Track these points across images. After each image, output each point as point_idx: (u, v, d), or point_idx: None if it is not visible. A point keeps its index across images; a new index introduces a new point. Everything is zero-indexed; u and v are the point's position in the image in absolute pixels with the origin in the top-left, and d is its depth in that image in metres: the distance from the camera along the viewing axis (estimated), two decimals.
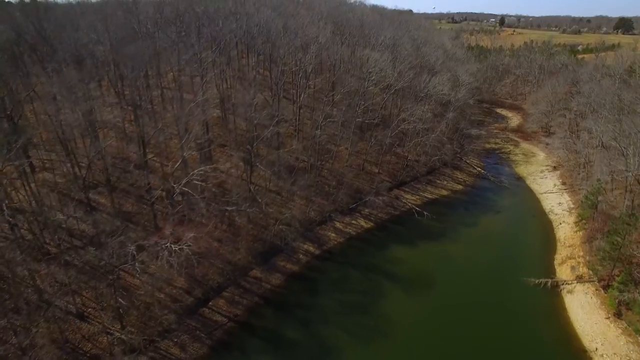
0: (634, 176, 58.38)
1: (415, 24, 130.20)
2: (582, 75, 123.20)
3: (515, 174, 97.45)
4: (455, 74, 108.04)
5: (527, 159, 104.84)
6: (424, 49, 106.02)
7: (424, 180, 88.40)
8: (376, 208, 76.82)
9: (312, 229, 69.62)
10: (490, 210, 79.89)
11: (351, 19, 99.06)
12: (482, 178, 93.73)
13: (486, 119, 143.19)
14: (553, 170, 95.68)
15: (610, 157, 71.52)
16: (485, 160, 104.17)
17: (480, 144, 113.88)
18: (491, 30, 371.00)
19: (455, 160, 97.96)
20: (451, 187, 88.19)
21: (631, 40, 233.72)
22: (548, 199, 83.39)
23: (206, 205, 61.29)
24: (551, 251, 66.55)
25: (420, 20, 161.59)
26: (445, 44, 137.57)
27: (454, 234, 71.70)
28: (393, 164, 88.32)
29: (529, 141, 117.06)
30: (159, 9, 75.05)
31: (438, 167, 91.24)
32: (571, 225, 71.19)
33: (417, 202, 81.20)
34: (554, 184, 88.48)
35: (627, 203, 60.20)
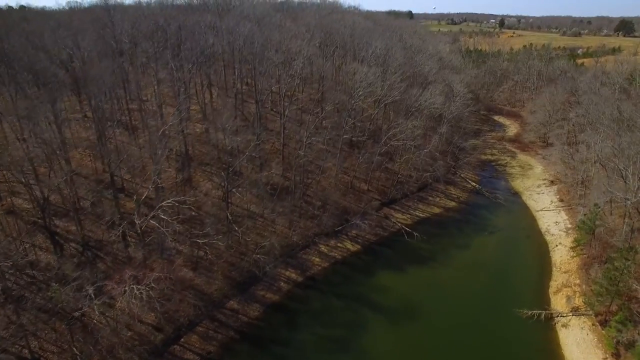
0: (633, 204, 54.89)
1: (410, 30, 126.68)
2: (581, 84, 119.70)
3: (511, 188, 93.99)
4: (449, 83, 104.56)
5: (524, 172, 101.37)
6: (417, 57, 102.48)
7: (415, 197, 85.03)
8: (364, 229, 73.48)
9: (295, 254, 66.37)
10: (483, 230, 76.46)
11: (341, 29, 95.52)
12: (477, 193, 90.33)
13: (483, 127, 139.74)
14: (550, 184, 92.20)
15: (608, 177, 68.13)
16: (481, 174, 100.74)
17: (476, 156, 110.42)
18: (491, 31, 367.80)
19: (449, 175, 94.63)
20: (444, 204, 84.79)
21: (632, 43, 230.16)
22: (544, 217, 79.94)
23: (178, 237, 58.23)
24: (546, 277, 63.13)
25: (415, 26, 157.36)
26: (441, 51, 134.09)
27: (445, 257, 68.31)
28: (383, 180, 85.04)
29: (526, 152, 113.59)
30: (136, 22, 71.78)
31: (430, 183, 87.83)
32: (568, 248, 67.75)
33: (407, 222, 77.88)
34: (550, 201, 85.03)
35: (626, 229, 56.77)
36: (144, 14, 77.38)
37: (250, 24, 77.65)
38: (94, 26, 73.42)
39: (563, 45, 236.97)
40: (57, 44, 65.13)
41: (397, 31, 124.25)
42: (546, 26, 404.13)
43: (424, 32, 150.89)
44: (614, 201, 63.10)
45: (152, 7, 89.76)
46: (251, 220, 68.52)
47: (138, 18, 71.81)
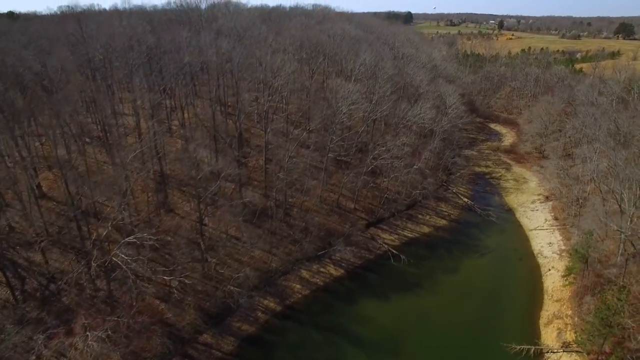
0: (628, 237, 51.84)
1: (402, 38, 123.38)
2: (578, 93, 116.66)
3: (505, 204, 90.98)
4: (442, 94, 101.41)
5: (519, 186, 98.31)
6: (408, 68, 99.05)
7: (404, 215, 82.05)
8: (349, 252, 70.66)
9: (274, 281, 63.49)
10: (473, 252, 73.49)
11: (328, 41, 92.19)
12: (469, 210, 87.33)
13: (479, 136, 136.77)
14: (545, 200, 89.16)
15: (603, 199, 65.14)
16: (474, 188, 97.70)
17: (470, 168, 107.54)
18: (489, 33, 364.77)
19: (440, 190, 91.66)
20: (434, 223, 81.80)
21: (631, 46, 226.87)
22: (538, 237, 76.96)
23: (150, 265, 55.41)
24: (537, 306, 60.18)
25: (408, 32, 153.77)
26: (435, 58, 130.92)
27: (432, 283, 65.38)
28: (371, 198, 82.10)
29: (521, 164, 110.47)
30: (112, 36, 68.79)
31: (420, 200, 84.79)
32: (561, 273, 64.76)
33: (394, 243, 74.94)
34: (545, 219, 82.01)
35: (620, 259, 53.77)
36: (121, 24, 74.48)
37: (229, 39, 74.45)
38: (67, 39, 70.46)
39: (562, 49, 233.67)
40: (25, 62, 62.07)
41: (389, 39, 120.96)
42: (545, 28, 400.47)
43: (418, 40, 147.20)
44: (608, 226, 59.97)
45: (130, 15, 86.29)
46: (229, 245, 65.71)
47: (114, 30, 68.67)
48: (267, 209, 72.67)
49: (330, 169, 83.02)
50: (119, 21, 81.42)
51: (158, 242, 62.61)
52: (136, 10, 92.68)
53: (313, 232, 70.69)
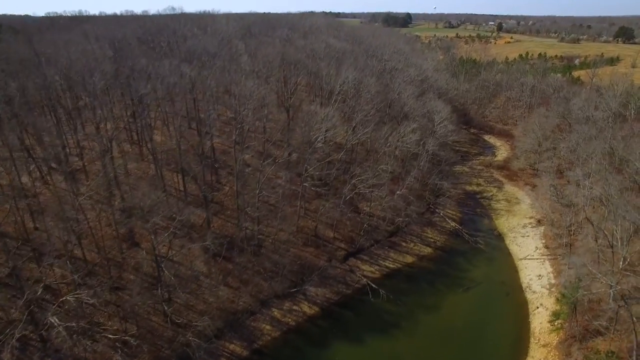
0: (618, 291, 47.60)
1: (391, 50, 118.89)
2: (574, 106, 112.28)
3: (495, 228, 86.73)
4: (430, 111, 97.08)
5: (510, 207, 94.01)
6: (394, 84, 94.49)
7: (387, 243, 77.89)
8: (325, 286, 66.69)
9: (243, 321, 59.42)
10: (458, 285, 69.25)
11: (308, 61, 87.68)
12: (456, 236, 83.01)
13: (472, 150, 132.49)
14: (537, 225, 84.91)
15: (596, 234, 60.90)
16: (464, 209, 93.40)
17: (460, 186, 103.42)
18: (488, 36, 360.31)
19: (427, 213, 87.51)
20: (418, 251, 77.57)
21: (631, 51, 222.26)
22: (527, 268, 72.76)
23: (107, 308, 51.43)
24: (522, 351, 55.99)
25: (399, 43, 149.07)
26: (427, 70, 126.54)
27: (411, 323, 61.22)
28: (351, 225, 77.91)
29: (514, 182, 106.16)
30: (70, 63, 64.63)
31: (406, 225, 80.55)
32: (549, 312, 60.53)
33: (375, 275, 70.79)
34: (535, 247, 77.81)
35: (611, 307, 49.57)
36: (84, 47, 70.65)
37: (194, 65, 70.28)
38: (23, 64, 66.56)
39: (560, 54, 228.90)
40: None
41: (377, 50, 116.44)
42: (545, 30, 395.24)
43: (408, 50, 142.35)
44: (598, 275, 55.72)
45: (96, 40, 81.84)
46: (194, 282, 61.70)
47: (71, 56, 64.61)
48: (238, 241, 68.69)
49: (309, 194, 79.03)
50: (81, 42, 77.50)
51: (117, 283, 58.97)
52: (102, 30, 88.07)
53: (287, 265, 66.73)
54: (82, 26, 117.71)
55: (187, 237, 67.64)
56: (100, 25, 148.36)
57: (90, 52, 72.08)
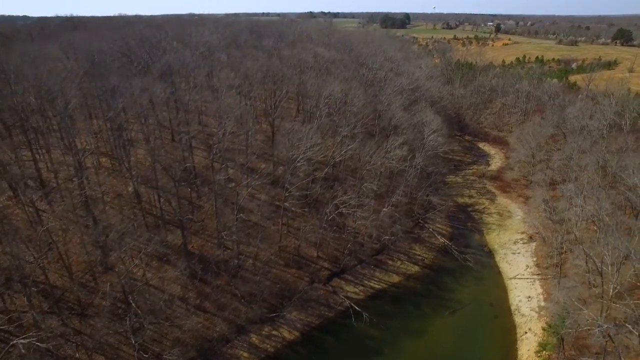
0: (605, 330, 45.24)
1: (382, 58, 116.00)
2: (569, 115, 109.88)
3: (485, 244, 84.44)
4: (421, 123, 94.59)
5: (502, 221, 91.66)
6: (383, 94, 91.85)
7: (373, 262, 75.58)
8: (307, 309, 64.48)
9: (218, 349, 57.18)
10: (444, 307, 66.94)
11: (292, 75, 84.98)
12: (445, 252, 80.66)
13: (465, 158, 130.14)
14: (529, 240, 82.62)
15: (587, 257, 58.57)
16: (454, 224, 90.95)
17: (452, 198, 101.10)
18: (486, 37, 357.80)
19: (416, 229, 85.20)
20: (405, 270, 75.26)
21: (629, 54, 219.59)
22: (517, 289, 70.48)
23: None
24: None
25: (392, 49, 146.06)
26: (420, 78, 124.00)
27: (393, 349, 59.01)
28: (337, 243, 75.60)
29: (507, 194, 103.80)
30: (41, 80, 62.04)
31: (394, 242, 78.15)
32: (537, 340, 58.23)
33: (359, 297, 68.54)
34: (526, 265, 75.52)
35: (599, 344, 47.25)
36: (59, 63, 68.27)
37: (168, 82, 67.80)
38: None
39: (557, 57, 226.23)
40: None
41: (369, 58, 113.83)
42: (544, 31, 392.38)
43: (401, 57, 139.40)
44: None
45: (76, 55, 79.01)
46: (170, 307, 59.40)
47: (42, 74, 62.02)
48: (217, 262, 66.45)
49: (293, 211, 76.74)
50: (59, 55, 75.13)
51: (89, 309, 56.79)
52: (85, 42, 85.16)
53: (267, 288, 64.60)
54: (68, 35, 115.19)
55: (164, 260, 65.68)
56: (89, 32, 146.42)
57: (62, 69, 69.67)
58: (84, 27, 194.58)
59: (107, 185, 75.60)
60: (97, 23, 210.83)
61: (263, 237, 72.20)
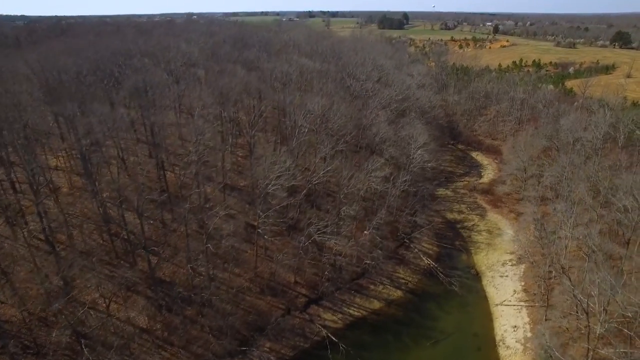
0: None
1: (370, 66, 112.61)
2: (563, 126, 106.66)
3: (472, 265, 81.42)
4: (407, 136, 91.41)
5: (491, 240, 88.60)
6: (369, 108, 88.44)
7: (353, 286, 72.57)
8: (281, 340, 61.53)
9: None
10: (425, 337, 63.84)
11: (270, 93, 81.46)
12: (430, 275, 77.66)
13: (457, 169, 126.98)
14: (518, 262, 79.54)
15: (574, 291, 55.53)
16: (441, 242, 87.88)
17: (441, 213, 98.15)
18: (484, 39, 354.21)
19: (400, 249, 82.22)
20: (386, 296, 72.22)
21: (628, 58, 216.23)
22: (503, 316, 67.47)
23: None
24: None
25: (383, 56, 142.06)
26: (411, 86, 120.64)
27: None
28: (315, 267, 72.58)
29: (498, 209, 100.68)
30: None
31: (375, 266, 75.10)
32: None
33: (337, 325, 65.56)
34: (514, 290, 72.50)
35: None
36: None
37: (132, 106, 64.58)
38: None
39: (555, 61, 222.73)
40: None
41: (357, 68, 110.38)
42: (542, 33, 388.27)
43: (391, 65, 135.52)
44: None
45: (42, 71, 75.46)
46: (135, 341, 56.46)
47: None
48: (189, 290, 63.46)
49: (271, 233, 73.73)
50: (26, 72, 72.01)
51: (45, 347, 53.76)
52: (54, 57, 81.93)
53: (240, 317, 61.68)
54: (49, 42, 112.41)
55: (132, 289, 62.70)
56: (74, 38, 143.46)
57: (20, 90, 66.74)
58: (72, 32, 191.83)
59: (77, 207, 72.78)
60: (86, 27, 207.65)
61: (238, 261, 69.48)
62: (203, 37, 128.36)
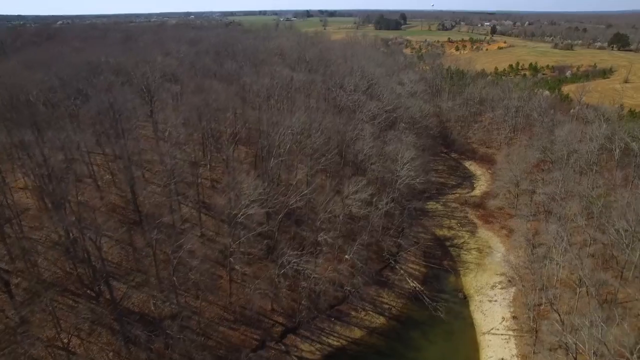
0: None
1: (359, 76, 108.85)
2: (557, 138, 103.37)
3: (460, 288, 78.05)
4: (395, 151, 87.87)
5: (481, 260, 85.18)
6: (351, 124, 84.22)
7: (333, 313, 69.17)
8: None
9: None
10: None
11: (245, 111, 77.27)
12: (416, 299, 74.33)
13: (449, 180, 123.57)
14: (507, 285, 76.15)
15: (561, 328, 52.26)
16: (429, 261, 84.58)
17: (430, 230, 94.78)
18: (481, 40, 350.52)
19: (385, 271, 78.91)
20: (368, 323, 68.81)
21: (625, 61, 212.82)
22: (490, 347, 64.14)
23: None
24: None
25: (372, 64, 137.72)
26: (402, 94, 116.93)
27: None
28: (294, 293, 69.22)
29: (489, 224, 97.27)
30: None
31: (355, 292, 71.61)
32: None
33: (314, 357, 62.20)
34: (502, 317, 69.15)
35: None
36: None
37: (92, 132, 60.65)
38: None
39: (552, 64, 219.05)
40: None
41: (343, 79, 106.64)
42: (540, 33, 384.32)
43: (380, 74, 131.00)
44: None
45: None
46: None
47: None
48: (158, 321, 60.17)
49: (247, 257, 70.48)
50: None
51: None
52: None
53: (212, 350, 58.32)
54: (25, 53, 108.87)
55: (96, 322, 59.32)
56: (57, 45, 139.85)
57: None
58: (59, 37, 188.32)
59: (44, 231, 69.30)
60: (75, 32, 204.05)
61: (212, 288, 66.16)
62: (185, 46, 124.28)
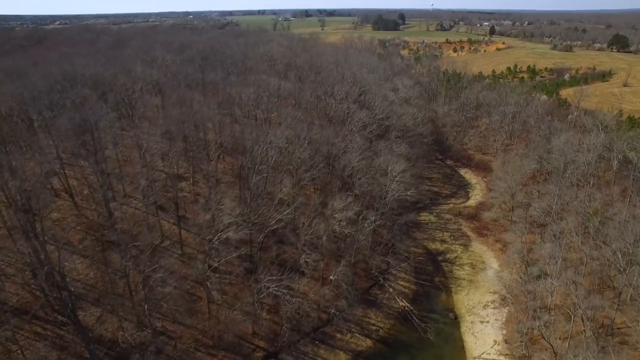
0: None
1: (351, 83, 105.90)
2: (554, 148, 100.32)
3: (451, 307, 75.16)
4: (385, 163, 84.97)
5: (474, 276, 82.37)
6: (339, 137, 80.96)
7: (318, 336, 66.31)
8: None
9: None
10: None
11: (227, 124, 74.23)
12: (404, 320, 71.50)
13: (443, 190, 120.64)
14: (500, 305, 73.26)
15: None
16: (420, 277, 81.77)
17: (422, 243, 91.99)
18: (480, 40, 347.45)
19: (373, 290, 76.09)
20: (354, 346, 65.92)
21: (625, 63, 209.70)
22: None
23: None
24: None
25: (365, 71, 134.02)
26: (395, 101, 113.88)
27: None
28: (276, 315, 66.38)
29: (483, 237, 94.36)
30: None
31: (340, 315, 68.74)
32: None
33: None
34: (494, 340, 66.28)
35: None
36: None
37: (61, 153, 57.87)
38: None
39: (550, 66, 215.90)
40: None
41: (333, 87, 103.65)
42: (539, 34, 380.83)
43: (373, 81, 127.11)
44: None
45: None
46: None
47: None
48: (134, 346, 57.37)
49: (228, 277, 67.67)
50: None
51: None
52: None
53: None
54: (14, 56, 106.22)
55: (66, 350, 56.47)
56: (42, 50, 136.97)
57: None
58: (49, 41, 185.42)
59: (15, 253, 66.38)
60: (66, 35, 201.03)
61: (191, 310, 63.32)
62: (171, 55, 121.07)
